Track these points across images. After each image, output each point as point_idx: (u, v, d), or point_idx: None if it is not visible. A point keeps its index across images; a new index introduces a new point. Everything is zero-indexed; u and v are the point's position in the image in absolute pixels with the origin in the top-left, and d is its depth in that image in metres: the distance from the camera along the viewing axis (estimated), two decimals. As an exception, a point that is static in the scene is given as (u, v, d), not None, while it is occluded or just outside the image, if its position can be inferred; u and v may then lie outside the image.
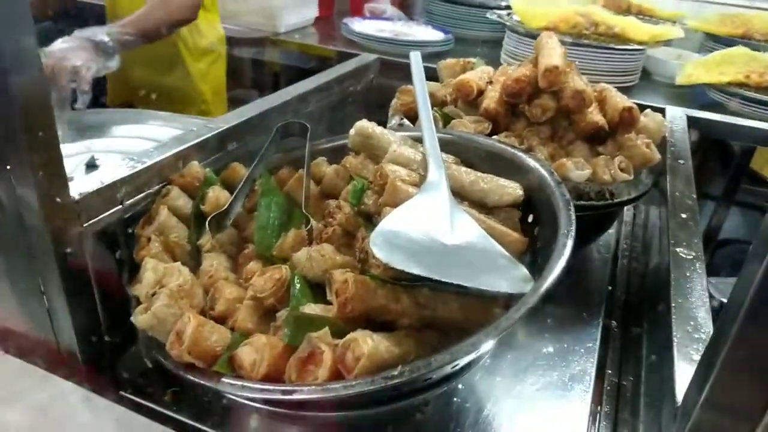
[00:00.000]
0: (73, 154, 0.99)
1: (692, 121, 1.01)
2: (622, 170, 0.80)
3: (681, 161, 0.84)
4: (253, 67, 2.04)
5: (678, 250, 0.63)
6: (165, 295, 0.53)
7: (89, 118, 1.17)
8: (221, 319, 0.57)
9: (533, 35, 1.65)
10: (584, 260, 0.96)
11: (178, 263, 0.59)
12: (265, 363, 0.49)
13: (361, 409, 0.56)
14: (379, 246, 0.52)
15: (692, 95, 1.65)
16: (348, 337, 0.49)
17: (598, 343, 0.79)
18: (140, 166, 0.68)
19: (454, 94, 0.91)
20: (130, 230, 0.67)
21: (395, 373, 0.45)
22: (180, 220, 0.68)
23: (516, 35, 1.72)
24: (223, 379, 0.50)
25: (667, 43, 1.80)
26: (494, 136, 0.80)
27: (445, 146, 0.72)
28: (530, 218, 0.68)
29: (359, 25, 1.94)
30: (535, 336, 0.79)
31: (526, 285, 0.53)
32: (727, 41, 1.84)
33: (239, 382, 0.49)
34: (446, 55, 1.79)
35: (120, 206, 0.66)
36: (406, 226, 0.56)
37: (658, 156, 0.82)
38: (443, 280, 0.51)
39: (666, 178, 0.85)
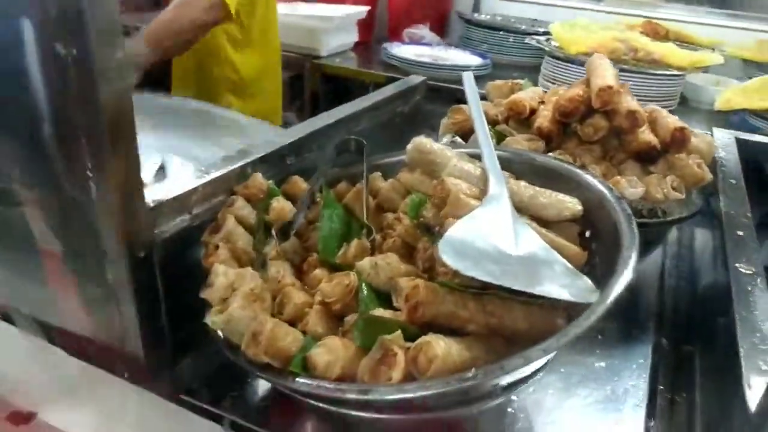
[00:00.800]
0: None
1: (740, 144, 1.02)
2: (674, 189, 0.81)
3: (733, 181, 0.84)
4: (292, 89, 2.09)
5: (737, 265, 0.63)
6: (240, 297, 0.55)
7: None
8: (290, 324, 0.58)
9: (572, 60, 1.68)
10: (631, 278, 0.96)
11: (248, 268, 0.61)
12: (339, 364, 0.50)
13: (422, 413, 0.57)
14: (447, 253, 0.54)
15: (731, 121, 1.65)
16: (420, 339, 0.50)
17: (649, 360, 0.79)
18: (208, 177, 0.71)
19: (506, 113, 0.93)
20: (197, 238, 0.70)
21: (470, 375, 0.46)
22: (244, 228, 0.71)
23: (554, 60, 1.75)
24: (298, 379, 0.51)
25: (705, 69, 1.81)
26: (549, 154, 0.82)
27: (501, 163, 0.73)
28: (587, 233, 0.69)
29: (398, 50, 1.99)
30: (585, 352, 0.79)
31: (592, 295, 0.54)
32: (768, 68, 1.84)
33: (315, 382, 0.50)
34: (484, 80, 1.84)
35: (189, 215, 0.68)
36: (472, 236, 0.58)
37: (710, 175, 0.83)
38: (511, 287, 0.52)
39: (718, 198, 0.86)
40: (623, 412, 0.69)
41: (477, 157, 0.76)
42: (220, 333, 0.57)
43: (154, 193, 0.66)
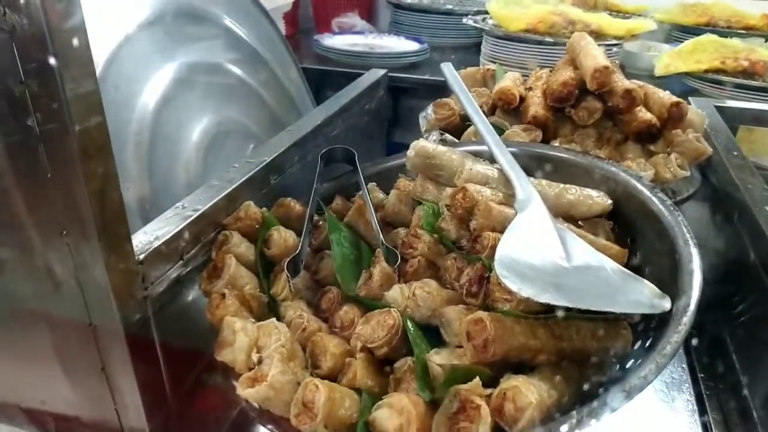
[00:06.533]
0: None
1: (720, 112, 1.01)
2: (679, 167, 0.78)
3: (735, 152, 0.83)
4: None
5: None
6: (278, 360, 0.46)
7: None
8: (330, 379, 0.50)
9: (512, 38, 1.65)
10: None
11: (273, 320, 0.52)
12: (413, 427, 0.43)
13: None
14: (509, 278, 0.47)
15: (669, 86, 1.68)
16: (504, 385, 0.43)
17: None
18: (194, 214, 0.60)
19: (490, 103, 0.87)
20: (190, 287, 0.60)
21: (573, 420, 0.40)
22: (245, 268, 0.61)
23: (494, 39, 1.71)
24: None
25: (636, 36, 1.83)
26: (555, 144, 0.77)
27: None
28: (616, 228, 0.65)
29: (331, 41, 1.89)
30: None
31: (665, 302, 0.50)
32: (693, 30, 1.89)
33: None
34: (423, 65, 1.78)
35: (181, 261, 0.58)
36: (522, 252, 0.52)
37: (710, 149, 0.81)
38: (590, 308, 0.47)
39: (716, 171, 0.84)
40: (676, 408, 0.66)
41: (479, 156, 0.70)
42: (254, 404, 0.48)
43: (140, 245, 0.55)
